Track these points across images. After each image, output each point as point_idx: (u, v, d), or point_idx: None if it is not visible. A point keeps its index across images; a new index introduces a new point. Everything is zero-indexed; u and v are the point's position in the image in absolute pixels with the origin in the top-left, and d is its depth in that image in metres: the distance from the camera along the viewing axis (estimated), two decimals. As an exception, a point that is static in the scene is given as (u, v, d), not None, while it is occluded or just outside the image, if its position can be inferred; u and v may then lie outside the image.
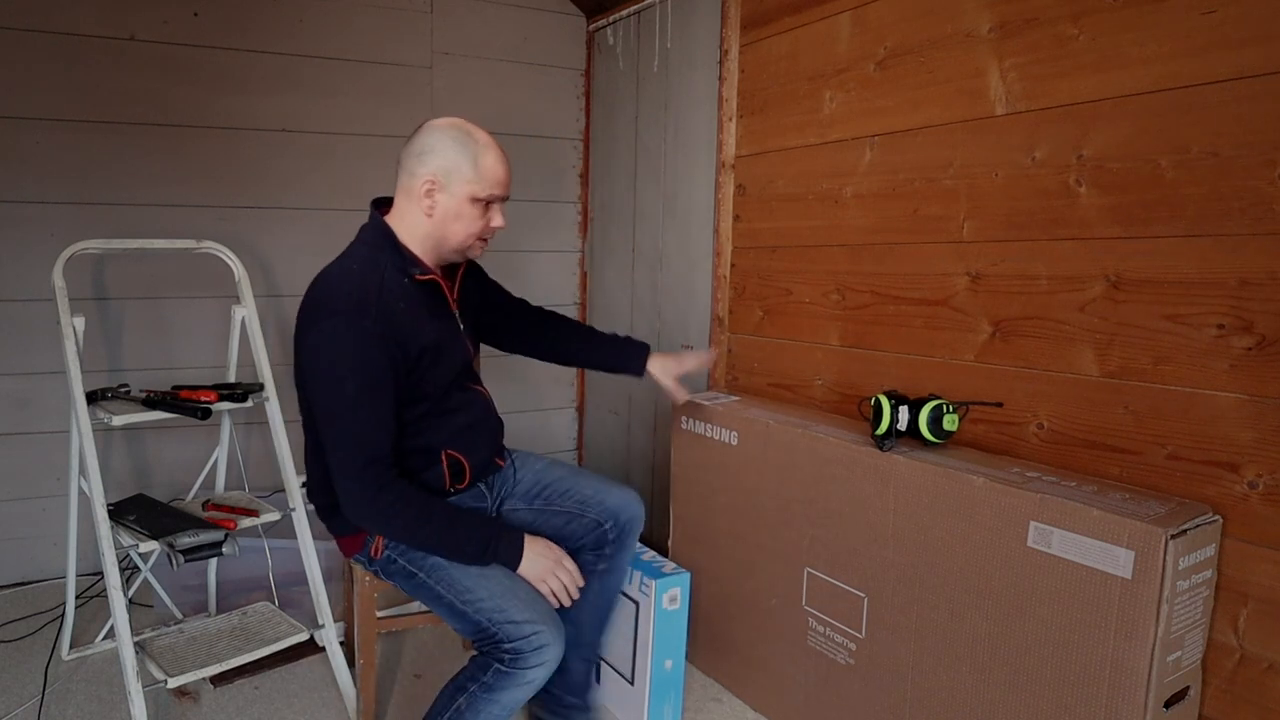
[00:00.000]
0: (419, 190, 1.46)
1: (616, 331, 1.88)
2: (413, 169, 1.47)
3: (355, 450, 1.40)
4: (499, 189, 1.49)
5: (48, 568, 2.54)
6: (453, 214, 1.47)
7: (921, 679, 1.54)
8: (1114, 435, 1.47)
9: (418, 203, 1.47)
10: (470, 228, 1.50)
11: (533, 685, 1.38)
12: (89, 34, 2.38)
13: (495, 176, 1.48)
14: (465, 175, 1.45)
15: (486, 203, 1.49)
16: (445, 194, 1.46)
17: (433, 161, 1.45)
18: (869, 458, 1.61)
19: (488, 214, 1.51)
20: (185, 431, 2.59)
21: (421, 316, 1.48)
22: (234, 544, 1.80)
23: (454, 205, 1.47)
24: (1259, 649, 1.29)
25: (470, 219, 1.49)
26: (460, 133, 1.46)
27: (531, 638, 1.37)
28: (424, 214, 1.48)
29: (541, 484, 1.71)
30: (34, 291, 2.40)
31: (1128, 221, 1.43)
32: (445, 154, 1.45)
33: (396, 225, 1.51)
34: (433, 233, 1.50)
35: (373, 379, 1.40)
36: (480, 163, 1.46)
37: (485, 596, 1.42)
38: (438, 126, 1.48)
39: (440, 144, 1.45)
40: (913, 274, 1.81)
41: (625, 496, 1.68)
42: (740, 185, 2.30)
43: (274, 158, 2.62)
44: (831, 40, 1.98)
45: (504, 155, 1.49)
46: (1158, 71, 1.37)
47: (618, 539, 1.66)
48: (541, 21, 2.96)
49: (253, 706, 1.91)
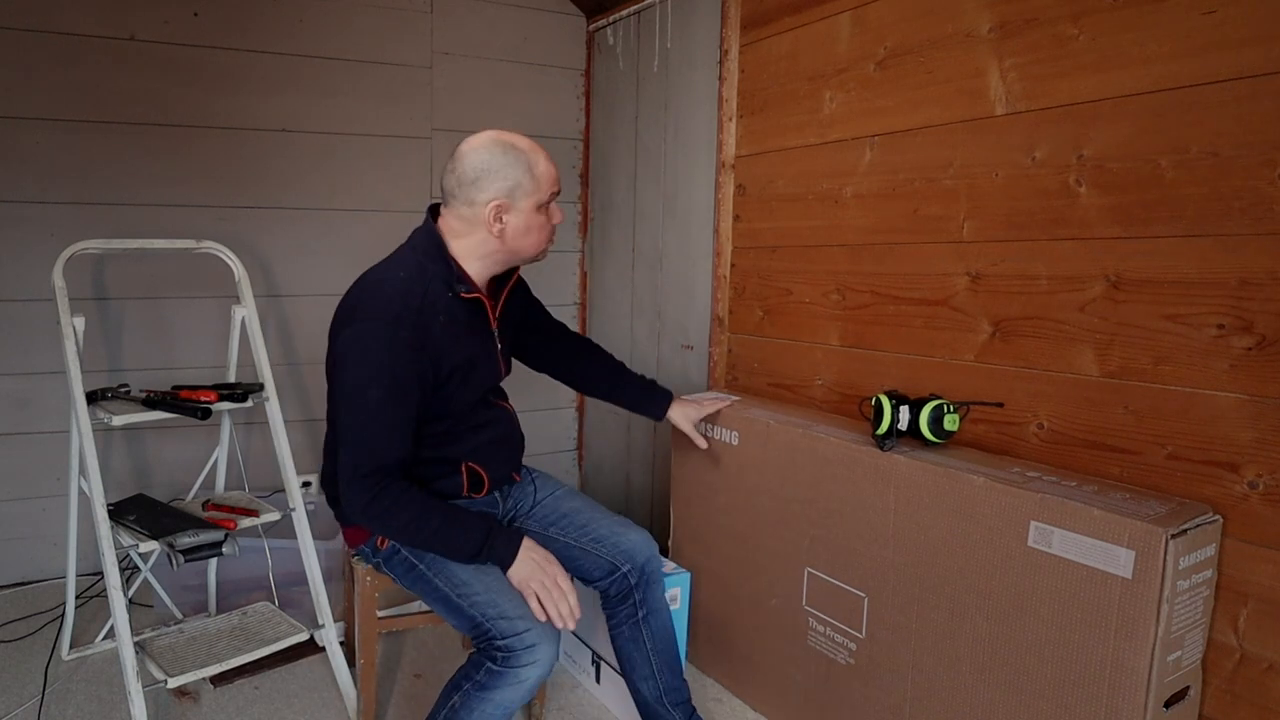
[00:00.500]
0: (485, 217, 1.44)
1: (644, 374, 1.90)
2: (471, 198, 1.44)
3: (365, 456, 1.40)
4: (556, 186, 1.51)
5: (48, 568, 2.54)
6: (523, 229, 1.48)
7: (921, 679, 1.54)
8: (1114, 435, 1.47)
9: (485, 228, 1.46)
10: (542, 234, 1.51)
11: (525, 685, 1.38)
12: (89, 34, 2.38)
13: (551, 176, 1.49)
14: (527, 189, 1.45)
15: (548, 205, 1.51)
16: (513, 213, 1.46)
17: (491, 185, 1.43)
18: (869, 458, 1.61)
19: (549, 214, 1.52)
20: (185, 431, 2.59)
21: (460, 333, 1.48)
22: (234, 544, 1.80)
23: (524, 220, 1.47)
24: (1259, 649, 1.29)
25: (539, 227, 1.50)
26: (505, 146, 1.45)
27: (524, 635, 1.37)
28: (494, 237, 1.47)
29: (559, 512, 1.70)
30: (34, 291, 2.40)
31: (1128, 221, 1.43)
32: (503, 174, 1.43)
33: (453, 240, 1.49)
34: (502, 250, 1.49)
35: (397, 388, 1.40)
36: (535, 171, 1.46)
37: (480, 591, 1.43)
38: (480, 147, 1.45)
39: (492, 164, 1.43)
40: (913, 274, 1.81)
41: (639, 538, 1.67)
42: (740, 185, 2.30)
43: (274, 158, 2.62)
44: (831, 40, 1.98)
45: (548, 153, 1.50)
46: (1158, 71, 1.37)
47: (641, 582, 1.65)
48: (541, 21, 2.96)
49: (253, 706, 1.91)
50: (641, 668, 1.67)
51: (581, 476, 3.29)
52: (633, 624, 1.66)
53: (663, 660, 1.68)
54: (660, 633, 1.68)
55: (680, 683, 1.70)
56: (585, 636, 2.01)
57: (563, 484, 1.79)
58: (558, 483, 1.79)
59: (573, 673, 2.10)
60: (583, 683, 2.05)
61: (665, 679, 1.68)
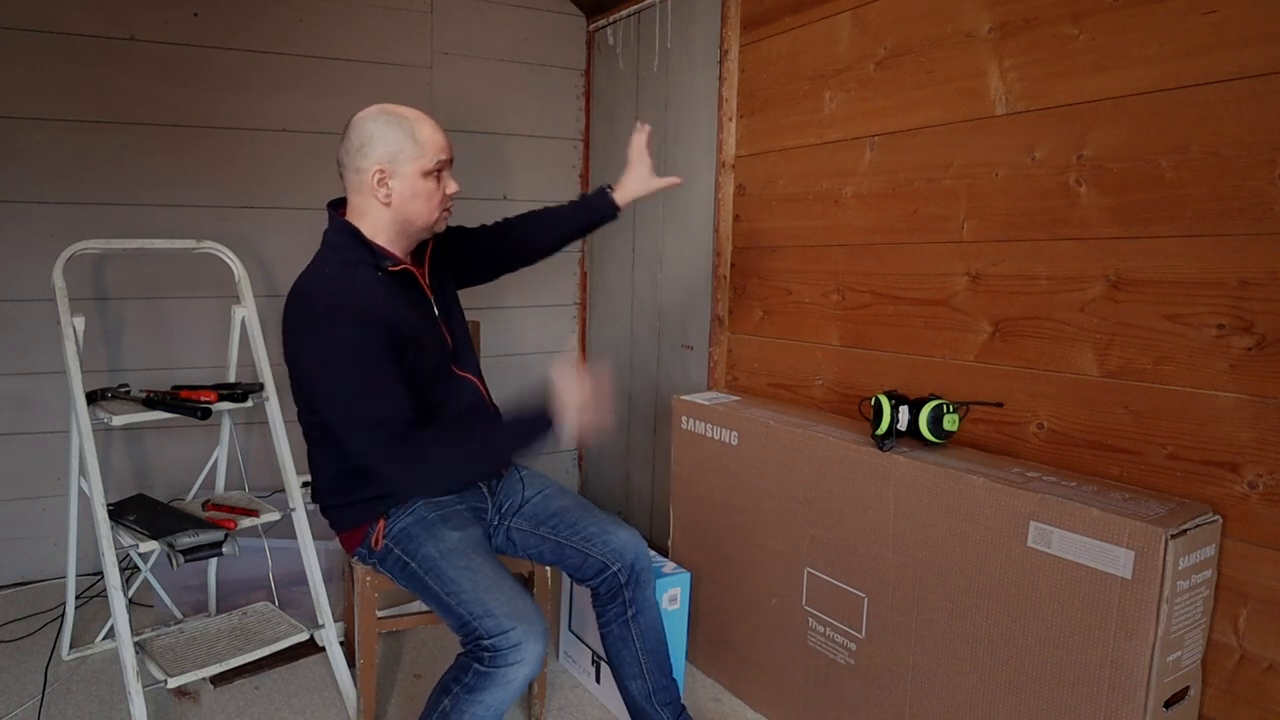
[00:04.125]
0: (370, 183, 1.47)
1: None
2: (357, 165, 1.48)
3: (373, 430, 1.41)
4: (444, 154, 1.51)
5: (48, 568, 2.54)
6: (409, 194, 1.49)
7: (921, 679, 1.54)
8: (1114, 435, 1.47)
9: (372, 195, 1.48)
10: (432, 200, 1.52)
11: (514, 685, 1.37)
12: (89, 34, 2.38)
13: (437, 143, 1.50)
14: (409, 153, 1.47)
15: (437, 173, 1.51)
16: (396, 179, 1.48)
17: (374, 152, 1.46)
18: (869, 458, 1.61)
19: (441, 183, 1.52)
20: (185, 431, 2.59)
21: (400, 307, 1.50)
22: (234, 544, 1.80)
23: (408, 186, 1.48)
24: (1259, 649, 1.29)
25: (428, 194, 1.50)
26: (389, 115, 1.48)
27: (509, 633, 1.36)
28: (382, 204, 1.49)
29: (549, 511, 1.69)
30: (34, 291, 2.40)
31: (1128, 221, 1.43)
32: (384, 140, 1.46)
33: (359, 222, 1.52)
34: (396, 219, 1.51)
35: (368, 360, 1.41)
36: (418, 136, 1.47)
37: (468, 589, 1.43)
38: (366, 117, 1.49)
39: (375, 132, 1.47)
40: (913, 274, 1.81)
41: (628, 536, 1.66)
42: (740, 185, 2.30)
43: (274, 158, 2.62)
44: (831, 40, 1.98)
45: (436, 123, 1.52)
46: (1158, 71, 1.37)
47: (631, 581, 1.65)
48: (541, 21, 2.96)
49: (253, 706, 1.91)
50: (630, 666, 1.67)
51: (581, 476, 3.29)
52: (622, 623, 1.66)
53: (652, 659, 1.68)
54: (650, 632, 1.68)
55: (669, 682, 1.70)
56: (585, 636, 2.01)
57: (552, 481, 1.78)
58: (546, 480, 1.78)
59: (573, 673, 2.10)
60: (583, 683, 2.05)
61: (654, 678, 1.68)
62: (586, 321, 3.17)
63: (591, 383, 1.44)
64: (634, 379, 2.86)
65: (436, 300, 1.62)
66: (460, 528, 1.54)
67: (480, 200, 2.90)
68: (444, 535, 1.51)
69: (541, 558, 1.69)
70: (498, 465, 1.49)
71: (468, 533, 1.54)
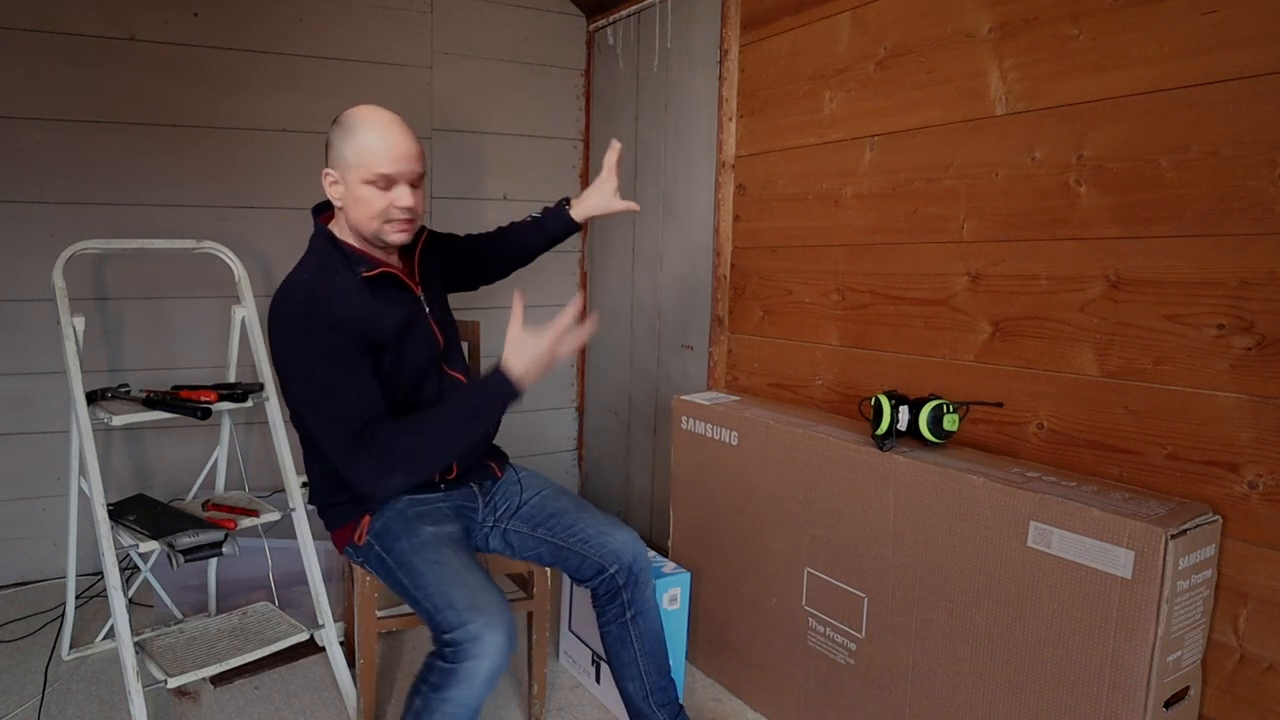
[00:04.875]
0: (326, 185, 1.50)
1: (532, 215, 1.87)
2: (324, 167, 1.51)
3: (342, 428, 1.41)
4: (384, 166, 1.44)
5: (48, 568, 2.54)
6: (352, 200, 1.48)
7: (921, 679, 1.54)
8: (1114, 435, 1.47)
9: (331, 196, 1.51)
10: (370, 209, 1.47)
11: (478, 680, 1.34)
12: (89, 34, 2.38)
13: (374, 153, 1.43)
14: (348, 161, 1.46)
15: (386, 184, 1.46)
16: (342, 184, 1.49)
17: (329, 156, 1.49)
18: (869, 458, 1.61)
19: (390, 196, 1.47)
20: (185, 431, 2.59)
21: (381, 308, 1.51)
22: (234, 544, 1.80)
23: (351, 192, 1.48)
24: (1259, 649, 1.29)
25: (368, 202, 1.47)
26: (346, 118, 1.47)
27: (468, 626, 1.34)
28: (339, 207, 1.51)
29: (546, 512, 1.69)
30: (34, 291, 2.40)
31: (1128, 221, 1.43)
32: (334, 146, 1.47)
33: (335, 227, 1.55)
34: (351, 223, 1.51)
35: (341, 358, 1.42)
36: (358, 143, 1.44)
37: (433, 582, 1.42)
38: (335, 119, 1.49)
39: (331, 137, 1.48)
40: (913, 274, 1.81)
41: (626, 538, 1.66)
42: (740, 185, 2.30)
43: (274, 158, 2.62)
44: (831, 40, 1.98)
45: (392, 131, 1.45)
46: (1158, 71, 1.37)
47: (630, 583, 1.65)
48: (541, 21, 2.96)
49: (253, 706, 1.91)
50: (629, 667, 1.67)
51: (581, 476, 3.29)
52: (620, 624, 1.66)
53: (650, 661, 1.67)
54: (648, 633, 1.67)
55: (667, 683, 1.70)
56: (585, 636, 2.01)
57: (550, 482, 1.78)
58: (545, 481, 1.77)
59: (573, 673, 2.10)
60: (583, 683, 2.05)
61: (652, 679, 1.68)
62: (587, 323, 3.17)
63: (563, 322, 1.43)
64: (634, 379, 2.86)
65: (426, 298, 1.62)
66: (436, 524, 1.54)
67: (480, 200, 2.90)
68: (418, 530, 1.52)
69: (540, 559, 1.69)
70: (467, 441, 1.46)
71: (442, 529, 1.54)
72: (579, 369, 3.22)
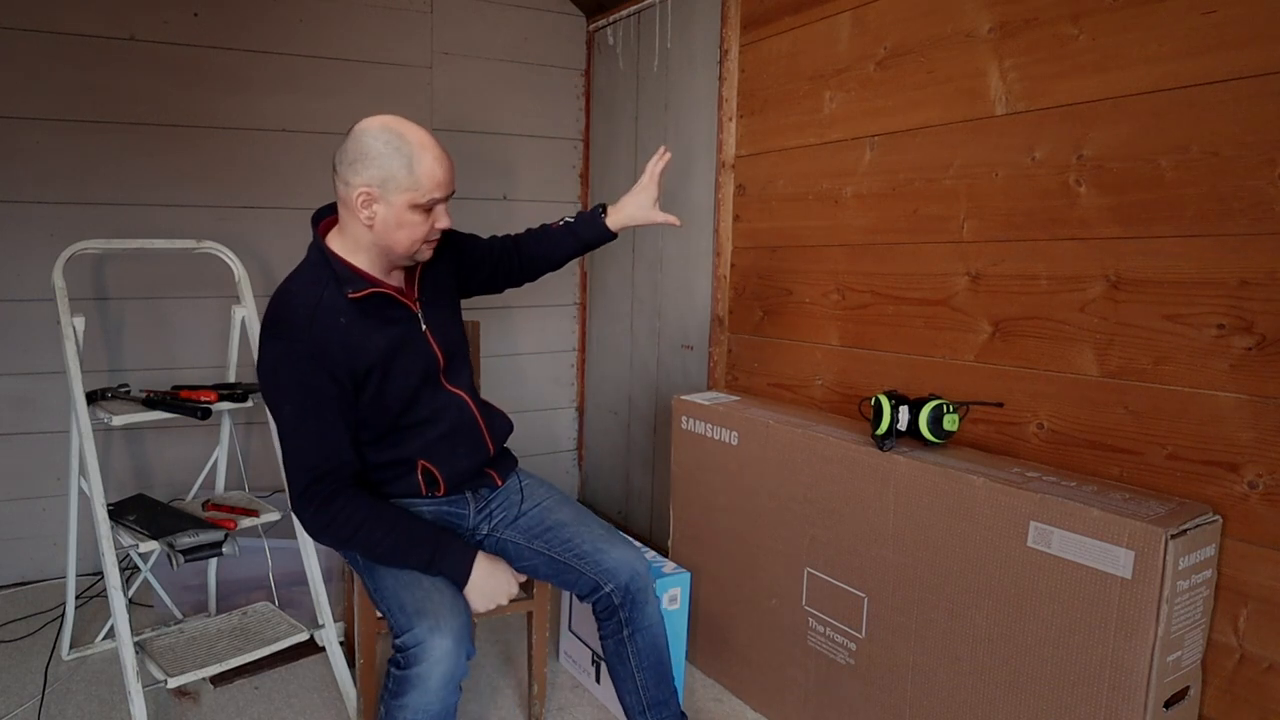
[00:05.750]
0: (355, 201, 1.37)
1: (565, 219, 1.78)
2: (347, 178, 1.37)
3: (299, 471, 1.38)
4: (439, 191, 1.39)
5: (48, 568, 2.54)
6: (394, 224, 1.38)
7: (921, 679, 1.54)
8: (1114, 435, 1.47)
9: (356, 214, 1.38)
10: (414, 234, 1.40)
11: (430, 686, 1.31)
12: (89, 34, 2.38)
13: (434, 180, 1.37)
14: (401, 183, 1.35)
15: (428, 207, 1.40)
16: (383, 204, 1.37)
17: (366, 171, 1.35)
18: (869, 458, 1.61)
19: (431, 217, 1.41)
20: (185, 431, 2.59)
21: (369, 329, 1.43)
22: (234, 544, 1.80)
23: (394, 215, 1.37)
24: (1259, 649, 1.29)
25: (413, 226, 1.39)
26: (392, 135, 1.35)
27: (415, 630, 1.32)
28: (364, 225, 1.39)
29: (545, 524, 1.63)
30: (34, 291, 2.40)
31: (1128, 221, 1.43)
32: (379, 162, 1.34)
33: (338, 238, 1.45)
34: (377, 242, 1.41)
35: (309, 398, 1.37)
36: (416, 168, 1.35)
37: (390, 585, 1.42)
38: (368, 130, 1.37)
39: (372, 150, 1.35)
40: (913, 274, 1.81)
41: (623, 555, 1.58)
42: (740, 185, 2.30)
43: (274, 158, 2.62)
44: (831, 40, 1.98)
45: (443, 154, 1.39)
46: (1158, 71, 1.37)
47: (627, 601, 1.58)
48: (541, 21, 2.96)
49: (253, 706, 1.91)
50: (626, 682, 1.63)
51: (581, 477, 3.29)
52: (617, 640, 1.61)
53: (648, 676, 1.63)
54: (646, 651, 1.62)
55: (668, 696, 1.65)
56: (585, 636, 2.01)
57: (555, 491, 1.71)
58: (548, 490, 1.71)
59: (573, 673, 2.10)
60: (583, 683, 2.05)
61: (650, 694, 1.64)
62: (586, 322, 3.18)
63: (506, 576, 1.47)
64: (634, 379, 2.86)
65: (424, 314, 1.53)
66: None
67: (480, 200, 2.91)
68: None
69: (536, 572, 1.62)
70: (396, 562, 1.44)
71: None
72: (579, 369, 3.22)
